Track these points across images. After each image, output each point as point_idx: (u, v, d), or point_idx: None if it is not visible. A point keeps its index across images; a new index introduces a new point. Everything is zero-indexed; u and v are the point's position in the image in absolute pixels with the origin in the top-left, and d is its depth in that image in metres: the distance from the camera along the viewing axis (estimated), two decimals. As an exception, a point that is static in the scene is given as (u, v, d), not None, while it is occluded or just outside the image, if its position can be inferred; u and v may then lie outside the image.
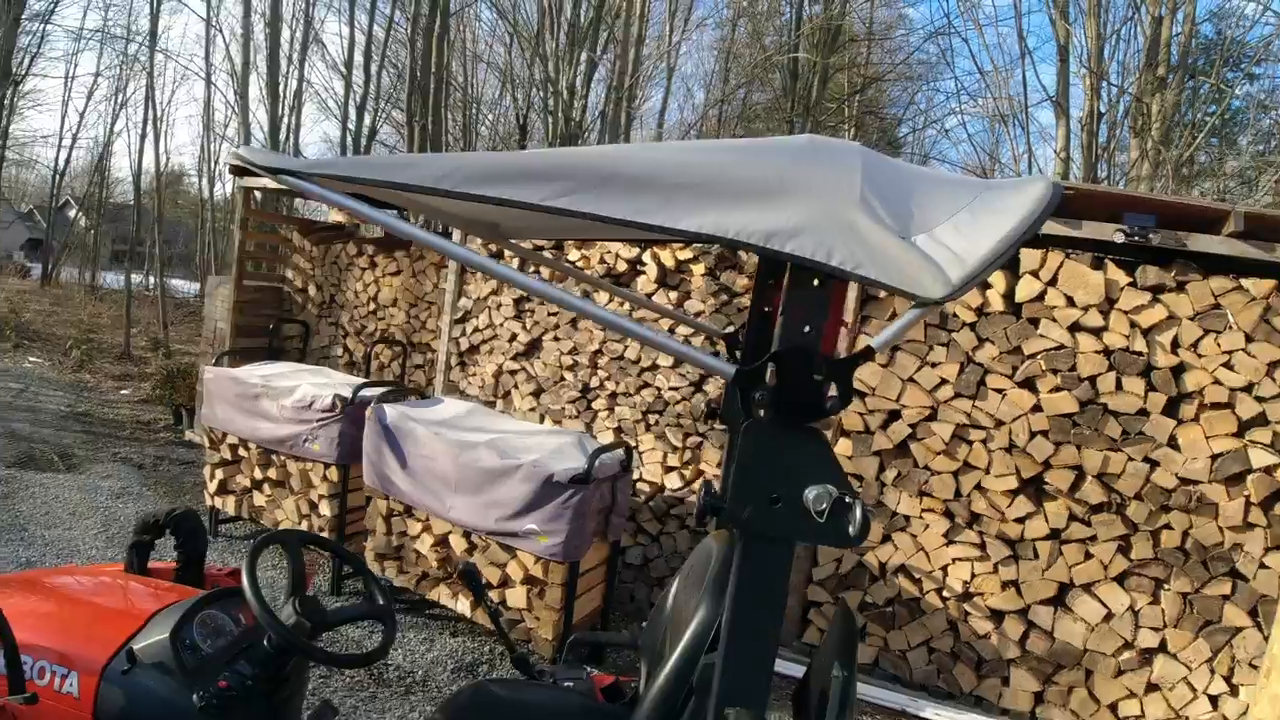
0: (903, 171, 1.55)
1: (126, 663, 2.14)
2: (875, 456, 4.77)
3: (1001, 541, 4.47)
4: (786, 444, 1.39)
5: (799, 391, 1.38)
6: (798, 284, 1.41)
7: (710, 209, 1.34)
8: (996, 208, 1.38)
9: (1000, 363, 4.45)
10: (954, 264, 1.29)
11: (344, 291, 7.69)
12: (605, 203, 1.36)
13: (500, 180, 1.39)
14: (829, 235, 1.30)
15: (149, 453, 8.36)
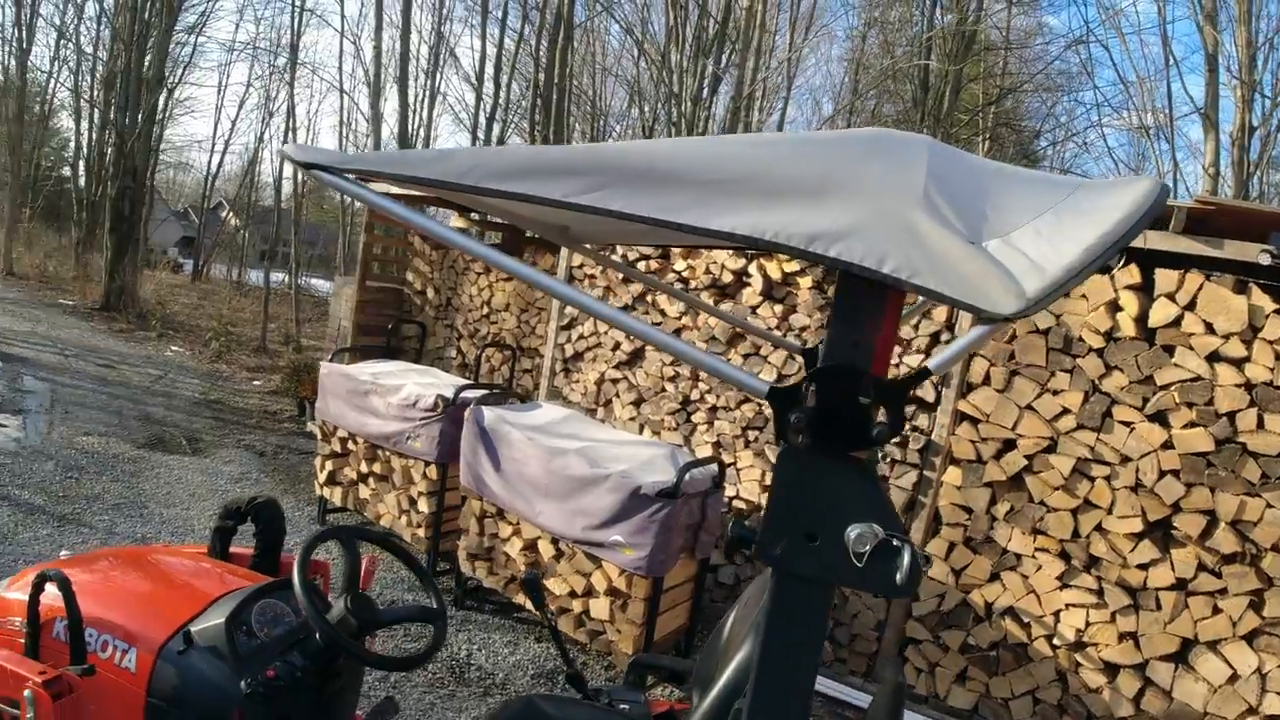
0: (979, 168, 1.37)
1: (183, 644, 2.19)
2: (986, 488, 4.47)
3: (1121, 589, 4.10)
4: (826, 474, 1.24)
5: (842, 415, 1.23)
6: (847, 294, 1.26)
7: (748, 208, 1.21)
8: (1087, 209, 1.19)
9: (1129, 393, 4.09)
10: (1031, 274, 1.10)
11: (460, 295, 7.86)
12: (634, 200, 1.25)
13: (525, 176, 1.30)
14: (882, 238, 1.15)
15: (271, 441, 8.74)
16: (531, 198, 1.29)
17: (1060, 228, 1.16)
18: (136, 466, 7.25)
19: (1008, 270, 1.10)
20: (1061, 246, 1.13)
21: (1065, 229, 1.15)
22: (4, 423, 7.92)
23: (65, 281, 19.65)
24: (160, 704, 2.14)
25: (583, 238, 2.46)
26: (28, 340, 12.04)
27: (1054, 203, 1.22)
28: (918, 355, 4.65)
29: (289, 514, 6.59)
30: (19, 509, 5.91)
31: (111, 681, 2.16)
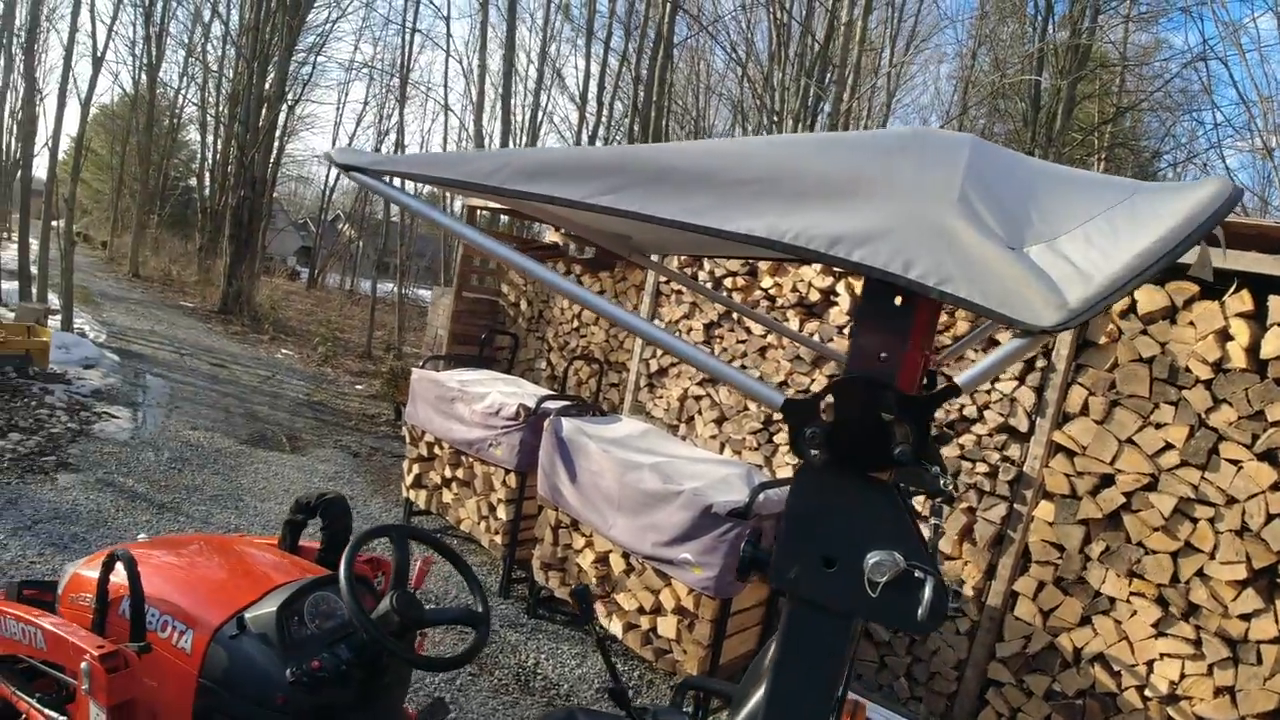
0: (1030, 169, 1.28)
1: (236, 629, 2.27)
2: (1080, 525, 4.23)
3: (1221, 640, 3.80)
4: (845, 495, 1.18)
5: (862, 432, 1.16)
6: (873, 301, 1.20)
7: (769, 209, 1.17)
8: (1145, 214, 1.09)
9: (1238, 429, 3.80)
10: (1074, 282, 1.02)
11: (551, 308, 7.95)
12: (652, 201, 1.23)
13: (550, 176, 1.30)
14: (911, 242, 1.08)
15: (367, 443, 9.02)
16: (552, 198, 1.29)
17: (1113, 233, 1.07)
18: (237, 461, 7.59)
19: (1050, 278, 1.03)
20: (1112, 253, 1.04)
21: (1119, 235, 1.07)
22: (117, 414, 8.40)
23: (188, 285, 20.82)
24: (210, 685, 2.22)
25: (644, 247, 2.44)
26: (148, 339, 12.77)
27: (1108, 206, 1.13)
28: (1011, 382, 4.45)
29: (377, 514, 6.84)
30: (122, 495, 6.25)
31: (168, 660, 2.26)
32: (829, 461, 1.18)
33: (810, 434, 1.19)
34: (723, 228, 1.19)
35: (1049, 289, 1.02)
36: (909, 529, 1.16)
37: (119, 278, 21.59)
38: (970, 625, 4.53)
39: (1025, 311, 1.01)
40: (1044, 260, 1.06)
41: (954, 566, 4.60)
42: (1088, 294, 1.01)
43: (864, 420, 1.16)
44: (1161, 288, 4.03)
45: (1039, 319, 1.00)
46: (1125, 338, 4.12)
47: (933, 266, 1.06)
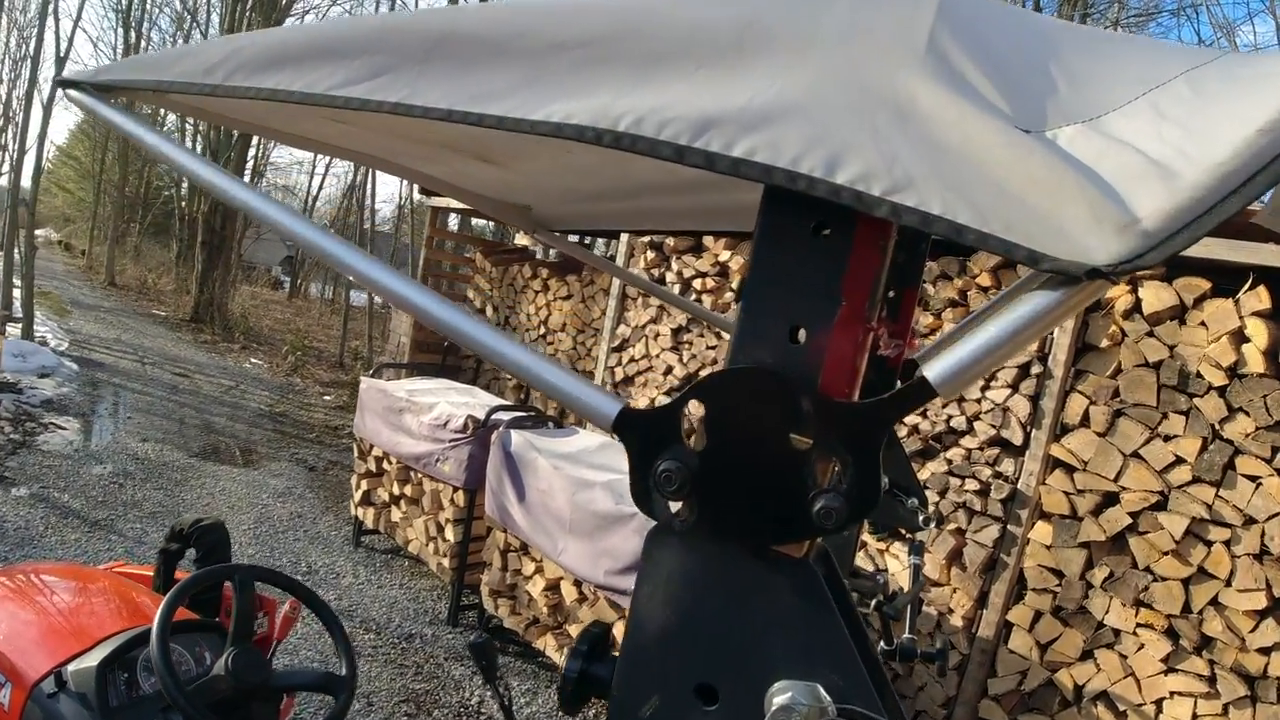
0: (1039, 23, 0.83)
1: (55, 685, 1.92)
2: (1081, 549, 3.82)
3: (1237, 676, 3.41)
4: (733, 584, 0.73)
5: (757, 470, 0.71)
6: (777, 236, 0.74)
7: (602, 84, 0.72)
8: (1243, 81, 0.63)
9: (1256, 441, 3.41)
10: (1152, 183, 0.57)
11: (518, 314, 7.55)
12: (425, 86, 0.80)
13: (287, 64, 0.88)
14: (841, 124, 0.64)
15: (325, 457, 8.58)
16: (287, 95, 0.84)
17: (1202, 105, 0.62)
18: (184, 475, 7.17)
19: (1100, 179, 0.58)
20: (1211, 136, 0.58)
21: (1214, 107, 0.61)
22: (64, 425, 7.99)
23: (163, 293, 20.38)
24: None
25: (548, 220, 2.00)
26: (111, 347, 12.33)
27: (1185, 69, 0.67)
28: (1004, 390, 4.03)
29: (325, 533, 6.38)
30: (54, 511, 5.85)
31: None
32: (700, 523, 0.74)
33: (665, 472, 0.73)
34: (528, 117, 0.74)
35: (1103, 197, 0.58)
36: (839, 644, 0.71)
37: (94, 286, 21.18)
38: (960, 659, 4.10)
39: (1060, 239, 0.57)
40: (1086, 150, 0.61)
41: (942, 594, 4.17)
42: (1175, 203, 0.56)
43: (761, 449, 0.72)
44: (1169, 284, 3.64)
45: (1088, 250, 0.57)
46: (1129, 340, 3.74)
47: (880, 163, 0.62)
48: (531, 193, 1.74)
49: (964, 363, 0.66)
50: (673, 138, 0.67)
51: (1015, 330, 0.64)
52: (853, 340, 0.73)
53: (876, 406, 0.70)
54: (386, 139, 1.44)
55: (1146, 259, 0.55)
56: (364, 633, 4.72)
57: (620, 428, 0.76)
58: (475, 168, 1.60)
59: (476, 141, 1.36)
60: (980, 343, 0.65)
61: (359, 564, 5.81)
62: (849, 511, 0.69)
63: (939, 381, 0.66)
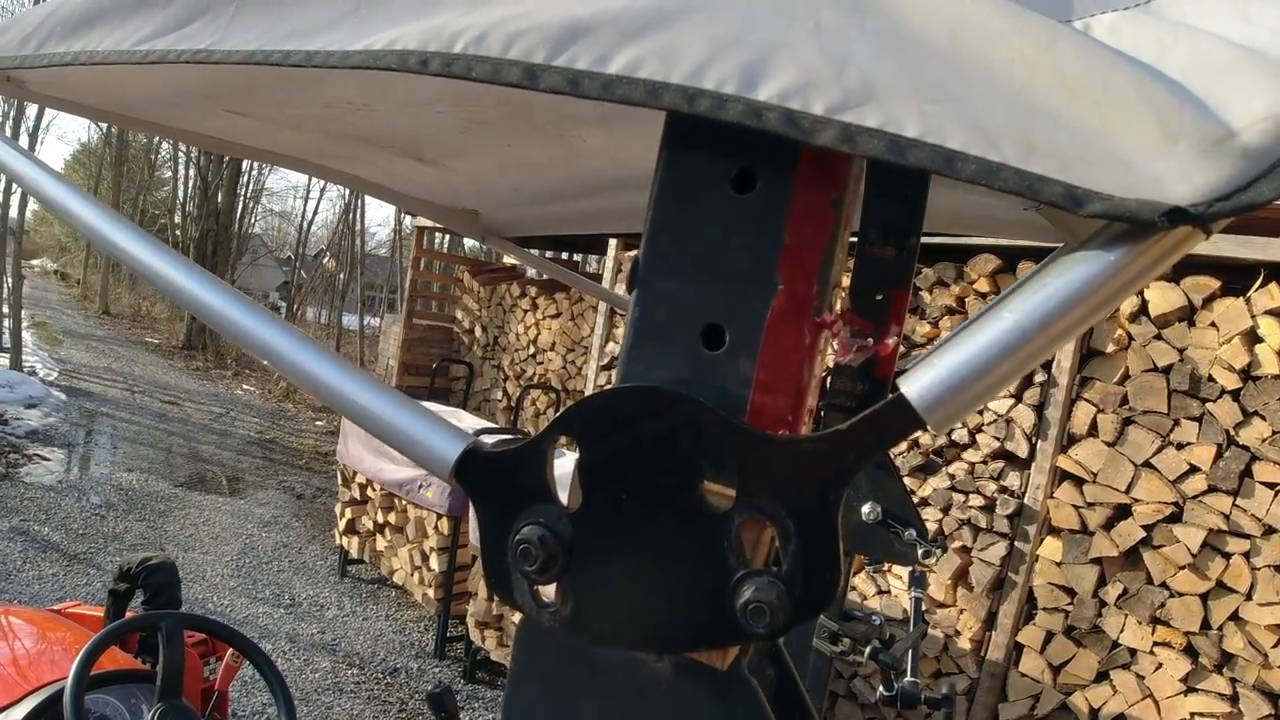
0: None
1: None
2: (1093, 565, 3.67)
3: (1261, 695, 3.27)
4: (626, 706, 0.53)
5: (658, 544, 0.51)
6: (678, 195, 0.53)
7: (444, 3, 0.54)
8: None
9: (1274, 446, 3.28)
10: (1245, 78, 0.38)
11: (506, 334, 7.41)
12: (236, 30, 0.64)
13: (98, 20, 0.74)
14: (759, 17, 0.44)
15: (314, 484, 8.41)
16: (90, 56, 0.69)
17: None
18: (168, 506, 7.01)
19: (1169, 79, 0.40)
20: None
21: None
22: (48, 456, 7.84)
23: (157, 321, 20.28)
24: None
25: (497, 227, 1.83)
26: (101, 376, 12.18)
27: None
28: (1007, 400, 3.86)
29: (311, 562, 6.19)
30: (33, 545, 5.70)
31: None
32: (577, 617, 0.54)
33: (524, 544, 0.54)
34: (338, 49, 0.57)
35: (1176, 101, 0.39)
36: None
37: (88, 314, 21.10)
38: (969, 684, 3.92)
39: (1115, 169, 0.38)
40: (1137, 38, 0.43)
41: (948, 615, 3.99)
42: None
43: (660, 507, 0.51)
44: (1176, 284, 3.49)
45: (1161, 184, 0.38)
46: (1137, 344, 3.62)
47: (824, 69, 0.43)
48: (476, 195, 1.58)
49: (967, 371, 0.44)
50: (524, 55, 0.48)
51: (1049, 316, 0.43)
52: (796, 343, 0.52)
53: (833, 442, 0.48)
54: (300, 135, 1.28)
55: (1257, 191, 0.37)
56: (347, 668, 4.53)
57: (463, 476, 0.57)
58: (409, 168, 1.44)
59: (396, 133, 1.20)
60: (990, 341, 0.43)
61: (344, 595, 5.62)
62: (791, 608, 0.47)
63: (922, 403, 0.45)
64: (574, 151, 1.22)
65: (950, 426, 0.49)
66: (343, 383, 0.64)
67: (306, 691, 4.11)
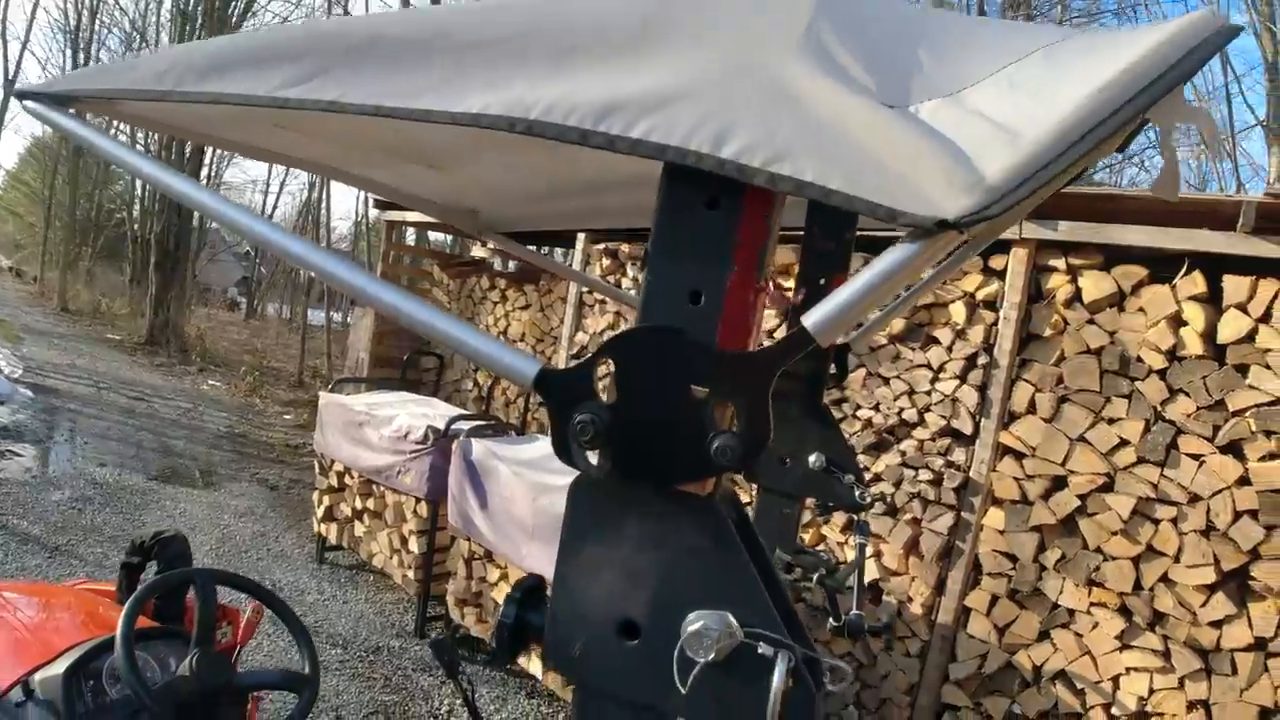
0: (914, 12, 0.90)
1: (22, 694, 1.94)
2: (1034, 533, 3.90)
3: (1191, 650, 3.49)
4: (645, 524, 0.80)
5: (661, 419, 0.78)
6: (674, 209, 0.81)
7: (517, 77, 0.79)
8: (1099, 47, 0.71)
9: (1198, 421, 3.51)
10: (994, 145, 0.64)
11: (477, 325, 7.54)
12: (355, 85, 0.85)
13: (227, 70, 0.93)
14: (728, 105, 0.71)
15: (286, 475, 8.50)
16: (231, 98, 0.89)
17: (1049, 75, 0.69)
18: (144, 499, 7.07)
19: (954, 144, 0.65)
20: (1052, 98, 0.65)
21: (1059, 74, 0.68)
22: (20, 452, 7.84)
23: (117, 318, 20.02)
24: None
25: (494, 223, 2.04)
26: (66, 373, 12.09)
27: (1039, 46, 0.73)
28: (952, 381, 4.12)
29: (289, 550, 6.33)
30: (14, 538, 5.76)
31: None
32: (614, 469, 0.81)
33: (581, 424, 0.80)
34: (451, 109, 0.80)
35: (953, 160, 0.64)
36: (744, 574, 0.77)
37: (47, 312, 20.73)
38: (921, 646, 4.17)
39: (915, 197, 0.64)
40: (944, 120, 0.68)
41: (901, 582, 4.24)
42: (1015, 160, 0.63)
43: (664, 399, 0.78)
44: (1107, 272, 3.76)
45: (938, 206, 0.63)
46: (1071, 328, 3.85)
47: (761, 137, 0.69)
48: (477, 195, 1.78)
49: (838, 309, 0.72)
50: (578, 123, 0.74)
51: (880, 278, 0.70)
52: (744, 301, 0.81)
53: (763, 354, 0.77)
54: (331, 146, 1.47)
55: (990, 211, 0.61)
56: (331, 647, 4.69)
57: (540, 386, 0.82)
58: (421, 173, 1.63)
59: (419, 146, 1.40)
60: (851, 291, 0.71)
61: (324, 580, 5.77)
62: (743, 449, 0.75)
63: (815, 328, 0.73)
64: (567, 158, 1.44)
65: (829, 342, 0.75)
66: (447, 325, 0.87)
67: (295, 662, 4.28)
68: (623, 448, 0.80)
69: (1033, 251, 3.94)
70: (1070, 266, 3.87)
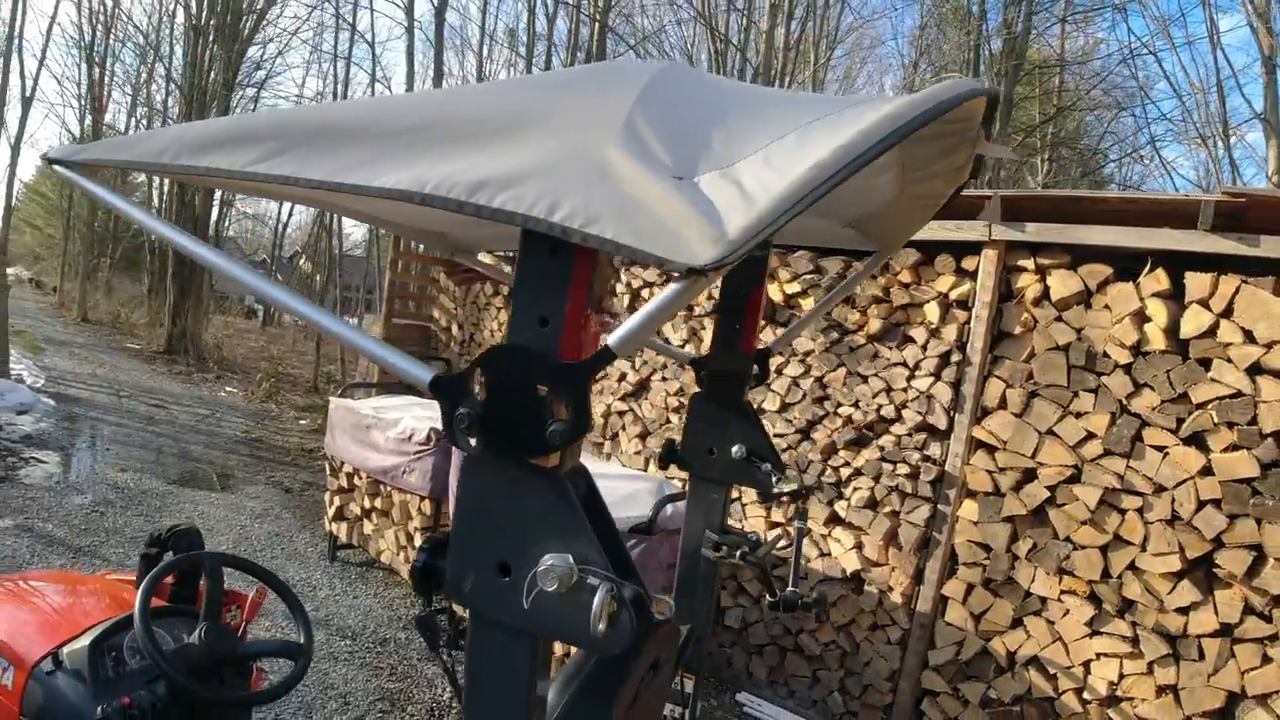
0: (735, 92, 1.13)
1: (52, 665, 2.18)
2: (1006, 523, 4.06)
3: (1159, 636, 3.62)
4: (509, 488, 1.03)
5: (515, 410, 1.01)
6: (529, 256, 1.05)
7: (419, 159, 1.02)
8: (845, 122, 0.91)
9: (1161, 414, 3.65)
10: (736, 210, 0.86)
11: (482, 330, 7.76)
12: (308, 163, 1.08)
13: (215, 148, 1.16)
14: (560, 180, 0.93)
15: (301, 478, 8.73)
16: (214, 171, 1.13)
17: (798, 149, 0.91)
18: (163, 502, 7.31)
19: (713, 208, 0.86)
20: (787, 171, 0.87)
21: (803, 150, 0.90)
22: (44, 459, 8.10)
23: (136, 327, 20.41)
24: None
25: (463, 245, 2.25)
26: (86, 382, 12.41)
27: (809, 120, 0.95)
28: (928, 379, 4.29)
29: (302, 549, 6.55)
30: (39, 540, 5.98)
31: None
32: (486, 448, 1.03)
33: (461, 415, 1.03)
34: (368, 184, 1.03)
35: (708, 221, 0.85)
36: (580, 526, 1.00)
37: (67, 322, 21.16)
38: (901, 634, 4.34)
39: (681, 249, 0.84)
40: (714, 189, 0.90)
41: (881, 573, 4.41)
42: (747, 221, 0.84)
43: (519, 396, 1.01)
44: (1074, 271, 3.90)
45: (694, 256, 0.83)
46: (1040, 326, 3.98)
47: (580, 206, 0.91)
48: (443, 221, 1.99)
49: (629, 331, 0.97)
50: (456, 196, 0.96)
51: (659, 308, 0.94)
52: (578, 324, 1.06)
53: (582, 365, 1.02)
54: None
55: (727, 261, 0.84)
56: (340, 639, 4.91)
57: (433, 388, 1.05)
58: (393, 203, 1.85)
59: None
60: (639, 318, 0.95)
61: (335, 577, 5.98)
62: (570, 433, 0.99)
63: (615, 345, 0.98)
64: None
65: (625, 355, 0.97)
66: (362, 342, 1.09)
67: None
68: (491, 433, 1.03)
69: (1003, 252, 4.09)
70: (1039, 266, 4.01)
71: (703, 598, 2.11)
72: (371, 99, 1.44)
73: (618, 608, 0.96)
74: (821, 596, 2.09)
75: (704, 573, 2.06)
